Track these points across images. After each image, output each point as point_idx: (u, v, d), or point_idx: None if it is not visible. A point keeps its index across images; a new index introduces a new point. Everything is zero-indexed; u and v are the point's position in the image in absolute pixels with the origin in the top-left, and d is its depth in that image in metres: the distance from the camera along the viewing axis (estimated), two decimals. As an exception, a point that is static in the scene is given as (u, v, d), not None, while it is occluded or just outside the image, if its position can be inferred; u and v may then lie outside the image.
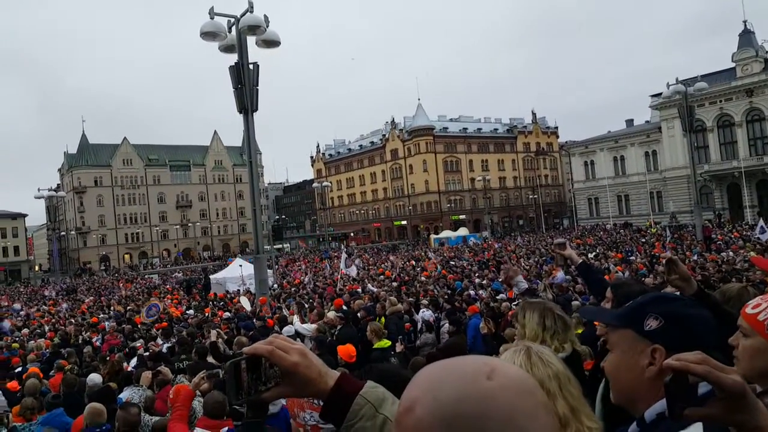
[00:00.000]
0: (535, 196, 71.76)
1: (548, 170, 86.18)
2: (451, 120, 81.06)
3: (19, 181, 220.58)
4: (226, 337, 9.24)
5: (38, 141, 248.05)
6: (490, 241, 44.21)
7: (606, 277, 12.71)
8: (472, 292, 13.23)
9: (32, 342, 13.32)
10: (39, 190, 41.25)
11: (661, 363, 1.13)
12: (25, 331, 17.00)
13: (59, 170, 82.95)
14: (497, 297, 12.22)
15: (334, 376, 1.07)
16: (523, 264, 19.59)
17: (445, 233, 57.83)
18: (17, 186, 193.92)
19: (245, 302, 15.62)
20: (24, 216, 75.31)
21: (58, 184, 76.39)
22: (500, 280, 11.38)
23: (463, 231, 57.85)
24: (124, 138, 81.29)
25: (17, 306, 19.95)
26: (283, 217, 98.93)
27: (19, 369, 9.07)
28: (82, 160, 77.28)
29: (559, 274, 14.11)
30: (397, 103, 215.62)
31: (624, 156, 57.67)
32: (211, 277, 29.03)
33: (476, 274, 18.44)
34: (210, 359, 6.72)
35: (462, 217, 73.68)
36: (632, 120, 62.58)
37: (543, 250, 26.16)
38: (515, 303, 10.52)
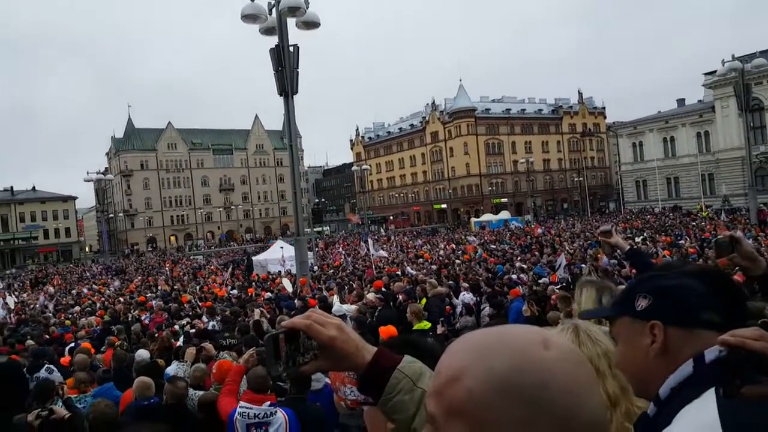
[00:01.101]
0: (581, 179, 69.72)
1: (594, 152, 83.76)
2: (493, 101, 79.44)
3: (69, 164, 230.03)
4: (269, 315, 9.38)
5: (88, 125, 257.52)
6: (533, 225, 43.42)
7: (654, 261, 12.34)
8: (513, 276, 13.03)
9: (84, 319, 13.90)
10: (88, 173, 42.94)
11: (662, 337, 1.13)
12: (77, 308, 17.75)
13: (107, 154, 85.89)
14: (539, 281, 12.02)
15: (372, 350, 1.08)
16: (567, 248, 19.17)
17: (486, 216, 57.11)
18: (68, 169, 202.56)
19: (287, 283, 15.84)
20: (74, 198, 78.27)
21: (106, 168, 79.08)
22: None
23: (504, 214, 57.01)
24: (169, 123, 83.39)
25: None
26: (323, 200, 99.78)
27: (72, 345, 9.45)
28: (128, 145, 79.73)
29: (604, 258, 13.74)
30: (438, 84, 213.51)
31: (674, 137, 55.41)
32: (254, 258, 29.61)
33: (518, 258, 18.14)
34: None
35: (504, 200, 72.49)
36: (684, 100, 59.91)
37: (588, 234, 25.53)
38: (558, 287, 10.34)
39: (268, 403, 3.79)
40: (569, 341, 1.54)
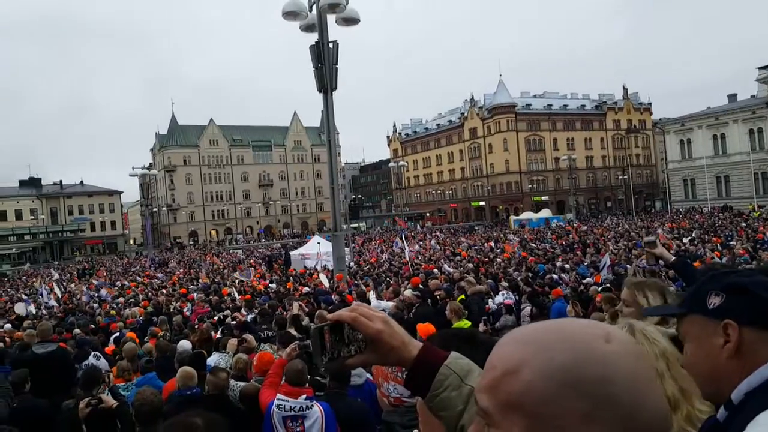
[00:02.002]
0: (625, 177, 67.57)
1: (640, 149, 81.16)
2: (534, 96, 77.91)
3: (117, 159, 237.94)
4: (307, 309, 9.43)
5: (135, 121, 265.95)
6: (575, 224, 42.44)
7: (696, 264, 11.84)
8: (555, 276, 12.76)
9: (128, 310, 14.33)
10: (133, 168, 44.42)
11: (736, 337, 1.09)
12: (122, 299, 18.32)
13: (151, 150, 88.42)
14: (583, 281, 11.72)
15: (418, 345, 1.07)
16: (611, 248, 18.65)
17: (526, 214, 56.18)
18: (115, 164, 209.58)
19: (324, 278, 15.95)
20: (120, 193, 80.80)
21: (150, 163, 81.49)
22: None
23: (545, 212, 55.92)
24: (211, 119, 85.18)
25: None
26: (360, 196, 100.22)
27: (117, 334, 9.72)
28: (171, 141, 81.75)
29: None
30: (478, 80, 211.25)
31: (725, 134, 53.20)
32: (291, 253, 29.95)
33: (560, 258, 17.75)
34: (292, 331, 6.84)
35: (544, 198, 71.11)
36: (735, 95, 57.47)
37: (633, 234, 24.79)
38: (602, 287, 10.04)
39: (305, 396, 3.79)
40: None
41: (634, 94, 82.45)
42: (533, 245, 24.69)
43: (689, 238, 21.05)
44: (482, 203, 76.69)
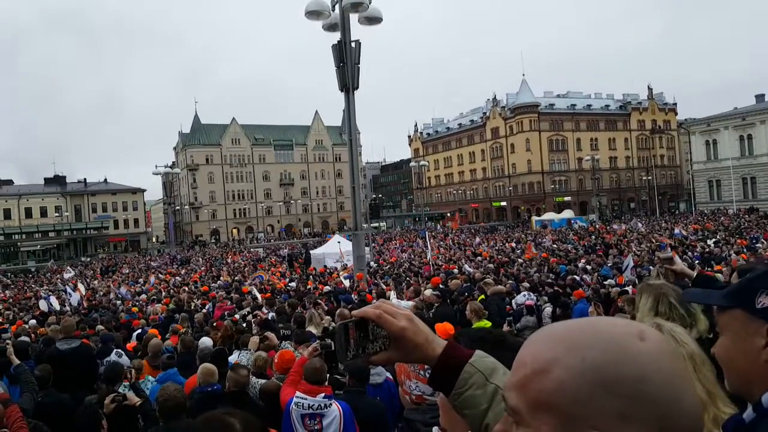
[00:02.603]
0: (649, 178, 66.46)
1: (664, 150, 79.93)
2: (558, 96, 77.18)
3: (140, 158, 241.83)
4: (326, 308, 9.45)
5: (159, 120, 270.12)
6: (598, 225, 41.81)
7: (717, 267, 11.53)
8: (577, 277, 12.58)
9: (150, 307, 14.49)
10: (156, 166, 45.09)
11: None
12: (144, 296, 18.55)
13: (174, 148, 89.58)
14: (605, 282, 11.54)
15: (442, 343, 1.07)
16: (634, 249, 18.34)
17: (548, 215, 55.48)
18: (138, 163, 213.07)
19: (344, 278, 15.96)
20: (143, 191, 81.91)
21: (173, 162, 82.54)
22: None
23: (567, 213, 55.17)
24: (233, 118, 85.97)
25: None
26: (380, 196, 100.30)
27: (139, 331, 9.84)
28: (194, 140, 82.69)
29: (676, 260, 13.03)
30: (500, 80, 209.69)
31: (752, 135, 52.00)
32: (312, 252, 30.07)
33: (582, 259, 17.51)
34: (311, 329, 6.84)
35: (567, 198, 70.34)
36: (763, 95, 56.07)
37: (657, 235, 24.36)
38: (624, 288, 9.86)
39: (323, 395, 3.80)
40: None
41: (659, 95, 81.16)
42: (555, 246, 24.42)
43: (714, 240, 20.63)
44: (504, 203, 76.13)
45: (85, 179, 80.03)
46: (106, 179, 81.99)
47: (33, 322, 13.09)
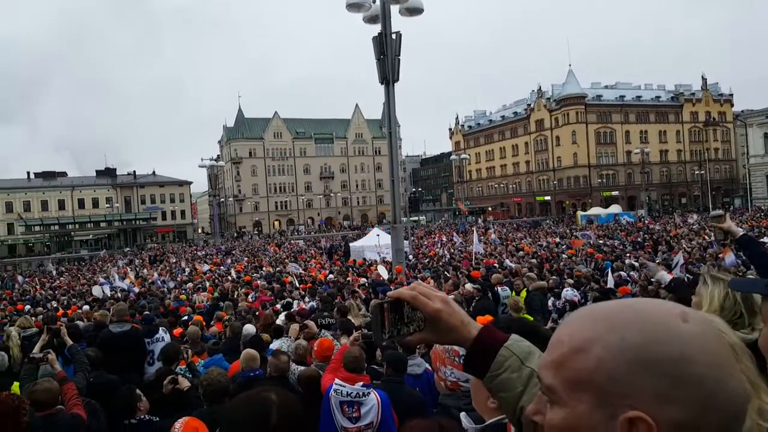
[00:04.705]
0: (702, 172, 63.75)
1: (719, 143, 76.59)
2: (606, 87, 74.83)
3: (187, 151, 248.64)
4: (364, 296, 9.51)
5: (205, 114, 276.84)
6: (647, 220, 40.43)
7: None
8: (623, 274, 12.24)
9: (195, 295, 14.95)
10: (202, 160, 46.26)
11: None
12: (190, 285, 19.14)
13: (219, 142, 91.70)
14: (652, 279, 11.17)
15: (477, 326, 1.07)
16: (684, 246, 17.67)
17: (595, 210, 54.07)
18: (185, 156, 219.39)
19: (382, 270, 16.00)
20: (189, 183, 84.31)
21: (218, 155, 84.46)
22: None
23: (615, 208, 53.58)
24: (275, 113, 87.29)
25: (186, 266, 22.73)
26: (420, 189, 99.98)
27: (185, 317, 10.15)
28: (238, 133, 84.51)
29: (729, 257, 12.49)
30: (545, 71, 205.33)
31: (815, 127, 49.25)
32: (351, 244, 30.26)
33: (629, 255, 16.98)
34: (352, 319, 6.91)
35: (614, 193, 68.46)
36: (829, 84, 53.00)
37: (709, 232, 23.35)
38: (671, 286, 9.51)
39: (362, 383, 3.84)
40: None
41: (713, 85, 77.72)
42: (601, 242, 23.78)
43: (772, 237, 19.61)
44: (548, 198, 74.58)
45: (134, 171, 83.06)
46: (154, 172, 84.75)
47: (86, 307, 13.72)
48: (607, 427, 0.62)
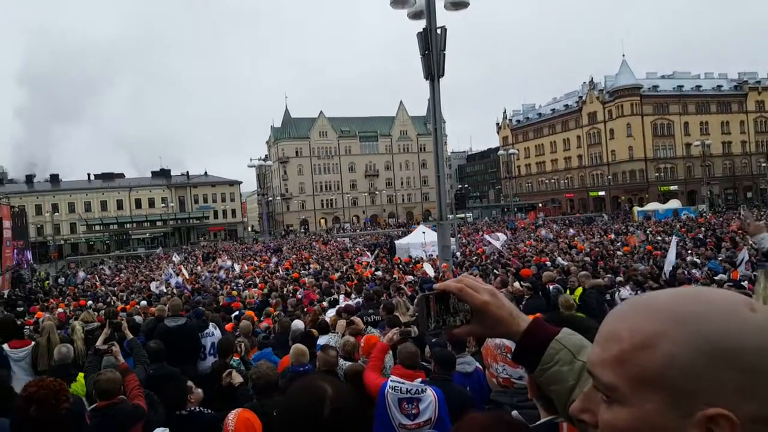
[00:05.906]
0: (769, 164, 60.72)
1: (788, 133, 72.38)
2: (662, 77, 71.98)
3: (237, 151, 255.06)
4: (410, 293, 9.48)
5: (253, 114, 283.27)
6: (708, 216, 38.60)
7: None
8: (684, 271, 11.73)
9: (246, 291, 15.34)
10: (251, 160, 47.38)
11: None
12: (241, 281, 19.65)
13: (267, 142, 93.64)
14: (715, 277, 10.66)
15: (527, 319, 1.05)
16: (750, 242, 16.77)
17: (652, 205, 52.03)
18: (235, 156, 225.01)
19: (428, 268, 15.92)
20: (239, 183, 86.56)
21: (266, 155, 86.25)
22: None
23: (674, 203, 51.42)
24: (321, 112, 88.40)
25: (228, 263, 23.33)
26: (466, 186, 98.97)
27: (237, 313, 10.40)
28: (285, 133, 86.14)
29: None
30: (597, 61, 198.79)
31: None
32: (396, 242, 30.26)
33: (690, 252, 16.27)
34: (399, 315, 6.88)
35: (673, 187, 65.79)
36: None
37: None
38: (740, 283, 9.03)
39: (419, 380, 3.82)
40: None
41: (780, 72, 73.46)
42: (659, 239, 22.88)
43: None
44: (602, 193, 72.46)
45: (187, 172, 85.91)
46: (206, 172, 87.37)
47: (144, 302, 14.27)
48: (681, 426, 0.58)
